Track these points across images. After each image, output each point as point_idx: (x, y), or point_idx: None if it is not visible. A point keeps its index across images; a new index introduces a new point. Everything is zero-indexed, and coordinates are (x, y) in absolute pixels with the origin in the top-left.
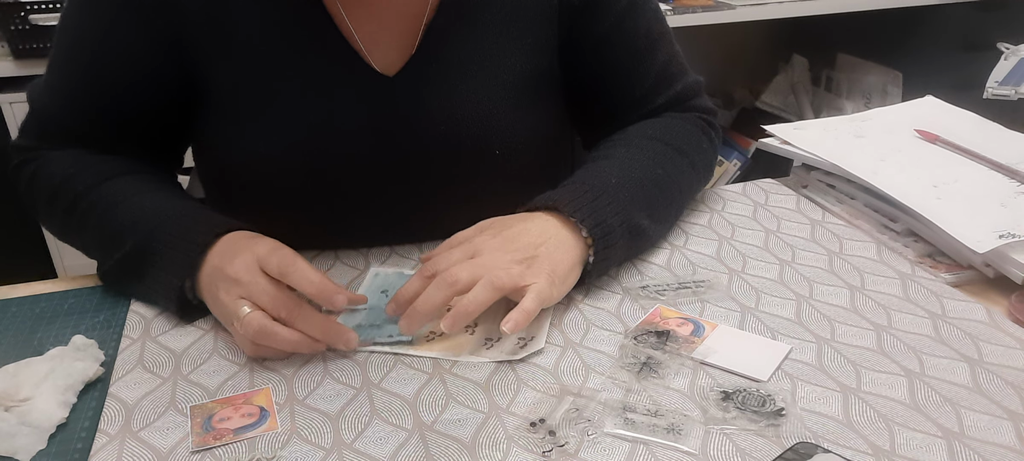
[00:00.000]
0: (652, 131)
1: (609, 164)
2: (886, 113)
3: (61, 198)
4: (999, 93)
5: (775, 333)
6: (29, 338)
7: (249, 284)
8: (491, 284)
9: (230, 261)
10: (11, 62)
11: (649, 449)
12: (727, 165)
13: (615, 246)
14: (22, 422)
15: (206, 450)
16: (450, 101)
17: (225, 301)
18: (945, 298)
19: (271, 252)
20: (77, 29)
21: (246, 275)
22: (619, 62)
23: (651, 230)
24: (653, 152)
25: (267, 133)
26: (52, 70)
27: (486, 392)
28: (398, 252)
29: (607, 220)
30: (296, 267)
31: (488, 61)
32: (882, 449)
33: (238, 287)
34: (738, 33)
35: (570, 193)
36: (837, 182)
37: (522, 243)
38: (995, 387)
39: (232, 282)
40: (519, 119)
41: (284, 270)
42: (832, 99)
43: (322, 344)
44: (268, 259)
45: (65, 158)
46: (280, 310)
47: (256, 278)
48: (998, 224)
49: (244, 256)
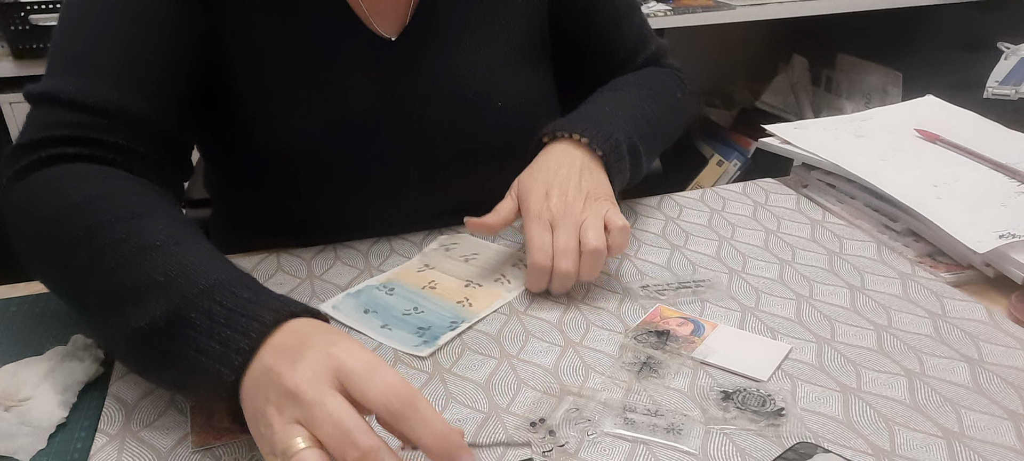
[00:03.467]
0: (634, 79)
1: (600, 100)
2: (886, 113)
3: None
4: (999, 93)
5: (775, 333)
6: (29, 338)
7: (313, 405)
8: (596, 255)
9: (292, 364)
10: (11, 62)
11: (649, 449)
12: (727, 165)
13: (623, 163)
14: (22, 422)
15: (206, 449)
16: (451, 59)
17: (273, 424)
18: (945, 298)
19: (370, 367)
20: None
21: (311, 390)
22: (604, 26)
23: (643, 156)
24: (638, 95)
25: (281, 106)
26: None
27: (486, 392)
28: (398, 252)
29: (616, 139)
30: (418, 407)
31: (484, 23)
32: (882, 449)
33: (296, 407)
34: (738, 33)
35: (577, 120)
36: (837, 182)
37: (573, 187)
38: (995, 387)
39: (290, 397)
40: (518, 75)
41: (399, 410)
42: (832, 99)
43: None
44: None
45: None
46: (349, 454)
47: (326, 398)
48: (998, 224)
49: (314, 360)
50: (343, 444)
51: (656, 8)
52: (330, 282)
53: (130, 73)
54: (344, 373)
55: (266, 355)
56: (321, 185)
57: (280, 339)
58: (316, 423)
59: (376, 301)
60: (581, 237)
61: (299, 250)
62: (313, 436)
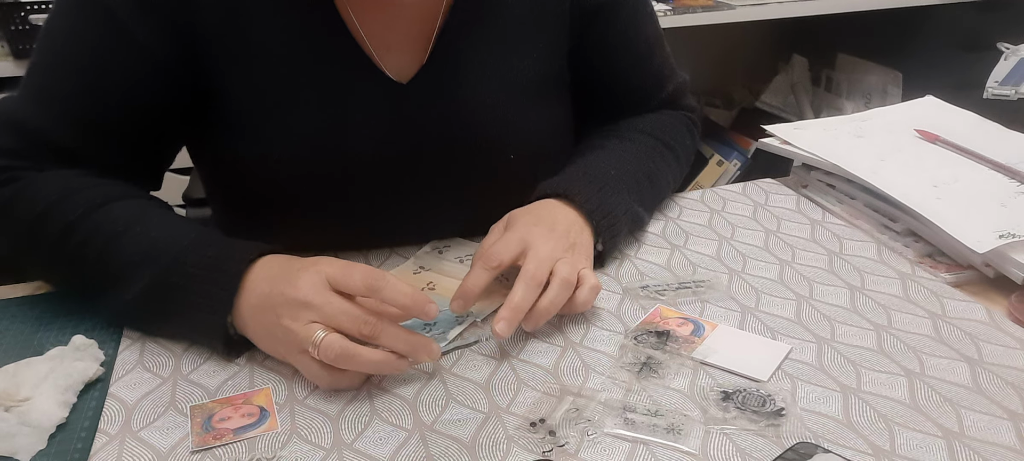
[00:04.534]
0: (643, 125)
1: (607, 155)
2: (886, 113)
3: (48, 228)
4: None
5: (775, 333)
6: (29, 338)
7: (322, 306)
8: (566, 283)
9: (291, 284)
10: (11, 62)
11: (649, 449)
12: (727, 165)
13: (619, 235)
14: (22, 422)
15: (206, 450)
16: (464, 107)
17: (293, 328)
18: (945, 298)
19: (346, 268)
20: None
21: (317, 296)
22: (624, 66)
23: (644, 218)
24: (645, 146)
25: (281, 139)
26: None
27: (486, 392)
28: (398, 252)
29: (613, 211)
30: (387, 280)
31: (501, 64)
32: (882, 449)
33: (309, 311)
34: (738, 33)
35: (577, 182)
36: (837, 182)
37: (560, 231)
38: (995, 387)
39: (301, 306)
40: (532, 122)
41: (373, 284)
42: (832, 99)
43: (407, 362)
44: (345, 276)
45: (50, 181)
46: (363, 328)
47: (329, 298)
48: (998, 224)
49: (309, 276)
50: (358, 323)
51: (656, 8)
52: None
53: (84, 119)
54: (331, 277)
55: (257, 285)
56: (316, 218)
57: (261, 272)
58: (331, 316)
59: None
60: (553, 268)
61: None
62: (329, 327)
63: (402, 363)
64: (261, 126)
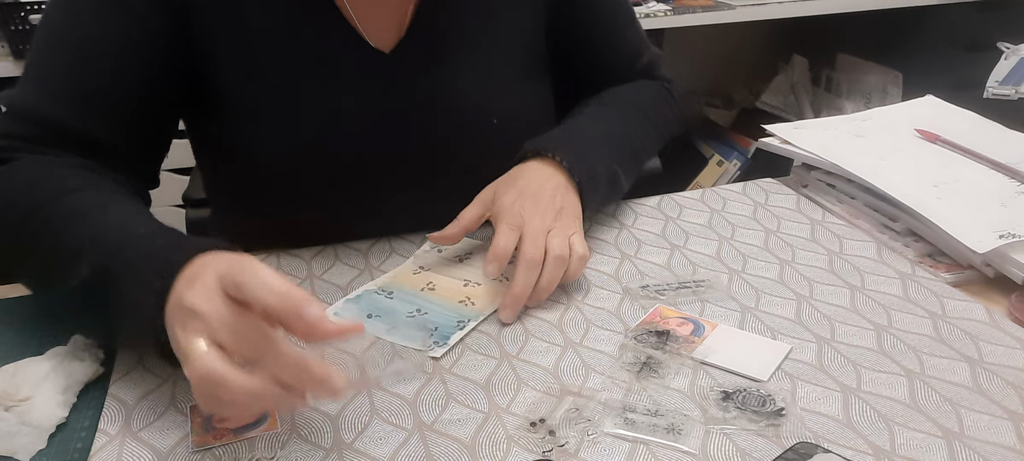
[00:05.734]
0: (624, 94)
1: (586, 119)
2: (886, 113)
3: (17, 205)
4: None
5: (775, 333)
6: (29, 338)
7: (207, 313)
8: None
9: (189, 286)
10: (11, 62)
11: (649, 449)
12: (727, 165)
13: (598, 193)
14: (22, 422)
15: (206, 450)
16: (446, 73)
17: (178, 337)
18: (945, 298)
19: (229, 264)
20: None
21: (205, 302)
22: (602, 39)
23: (622, 182)
24: (625, 114)
25: (271, 112)
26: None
27: (486, 392)
28: (398, 252)
29: (594, 168)
30: (252, 273)
31: (481, 36)
32: (882, 449)
33: (196, 319)
34: (738, 33)
35: (558, 142)
36: (837, 182)
37: (545, 198)
38: (995, 387)
39: (189, 312)
40: (514, 90)
41: (237, 280)
42: (832, 99)
43: (298, 398)
44: (230, 273)
45: (34, 164)
46: (239, 344)
47: (216, 305)
48: (998, 224)
49: (204, 278)
50: (236, 338)
51: (656, 8)
52: (330, 282)
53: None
54: (221, 276)
55: (177, 286)
56: (310, 194)
57: (187, 271)
58: (214, 329)
59: (378, 305)
60: (547, 244)
61: (299, 250)
62: (213, 340)
63: (288, 399)
64: (252, 99)
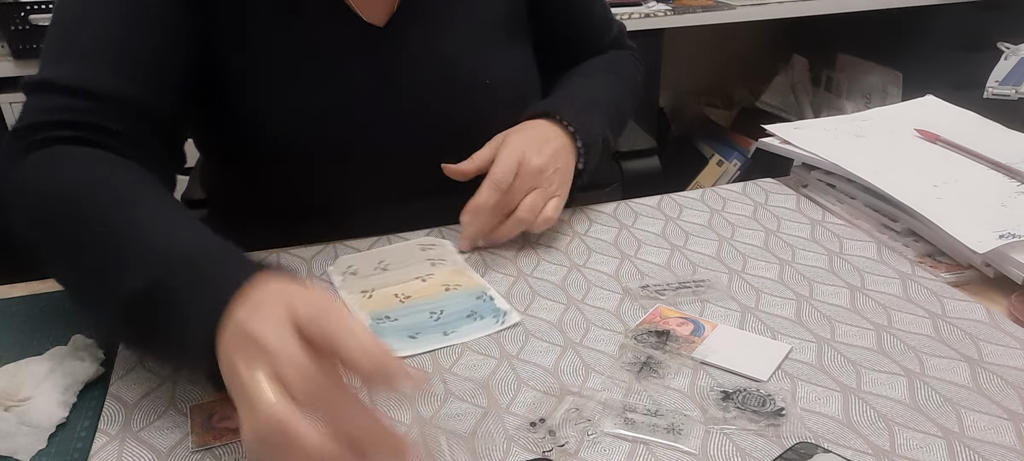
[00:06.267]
0: (602, 64)
1: (581, 86)
2: (886, 113)
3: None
4: (999, 93)
5: (775, 333)
6: (29, 338)
7: (277, 352)
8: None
9: (255, 315)
10: (11, 62)
11: (649, 449)
12: (727, 165)
13: (594, 155)
14: (22, 422)
15: (206, 449)
16: (439, 42)
17: (241, 371)
18: (945, 298)
19: (313, 305)
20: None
21: (273, 338)
22: (576, 13)
23: (611, 143)
24: (607, 81)
25: (272, 93)
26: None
27: (486, 392)
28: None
29: (593, 130)
30: (340, 322)
31: (469, 4)
32: (882, 449)
33: (264, 354)
34: (738, 33)
35: (563, 105)
36: (837, 182)
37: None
38: (995, 387)
39: (255, 346)
40: (504, 53)
41: (325, 330)
42: (832, 99)
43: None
44: (312, 319)
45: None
46: (306, 393)
47: (286, 344)
48: (998, 224)
49: (273, 307)
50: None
51: (656, 8)
52: (330, 282)
53: (123, 60)
54: (300, 319)
55: (237, 311)
56: (314, 169)
57: (250, 293)
58: (283, 371)
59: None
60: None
61: (299, 249)
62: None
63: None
64: (251, 77)
